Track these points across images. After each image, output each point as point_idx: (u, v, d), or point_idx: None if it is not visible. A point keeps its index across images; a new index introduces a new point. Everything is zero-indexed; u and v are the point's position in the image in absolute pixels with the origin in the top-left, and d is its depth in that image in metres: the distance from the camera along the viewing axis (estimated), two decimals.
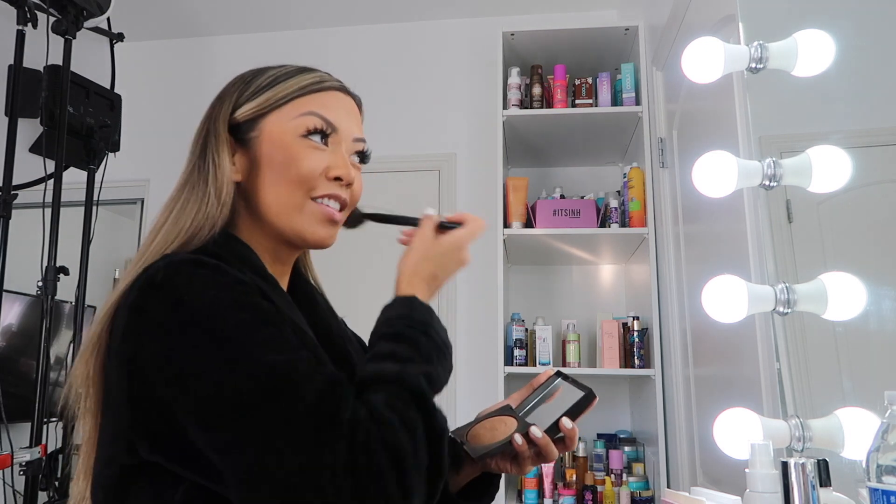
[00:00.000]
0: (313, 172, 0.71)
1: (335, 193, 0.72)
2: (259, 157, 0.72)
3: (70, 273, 1.99)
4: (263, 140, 0.72)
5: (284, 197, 0.71)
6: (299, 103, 0.73)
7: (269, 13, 2.90)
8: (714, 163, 1.03)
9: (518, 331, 2.25)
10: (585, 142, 2.51)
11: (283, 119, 0.72)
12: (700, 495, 0.83)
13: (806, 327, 1.04)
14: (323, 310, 0.80)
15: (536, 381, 0.84)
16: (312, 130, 0.72)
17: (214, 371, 0.56)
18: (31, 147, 2.29)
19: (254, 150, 0.72)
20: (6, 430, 1.74)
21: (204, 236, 0.68)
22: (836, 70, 1.01)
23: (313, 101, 0.73)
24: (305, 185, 0.71)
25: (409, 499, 0.54)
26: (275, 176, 0.71)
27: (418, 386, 0.60)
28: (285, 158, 0.71)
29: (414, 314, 0.66)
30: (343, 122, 0.75)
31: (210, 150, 0.72)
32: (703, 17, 1.61)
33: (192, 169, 0.73)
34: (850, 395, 1.03)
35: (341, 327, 0.82)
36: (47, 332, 1.87)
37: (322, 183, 0.72)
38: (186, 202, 0.70)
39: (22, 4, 1.96)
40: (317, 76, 0.76)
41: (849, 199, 1.04)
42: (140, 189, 2.97)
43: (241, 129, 0.73)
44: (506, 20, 2.79)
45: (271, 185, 0.71)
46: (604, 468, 2.23)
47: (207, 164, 0.71)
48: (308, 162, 0.71)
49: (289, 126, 0.72)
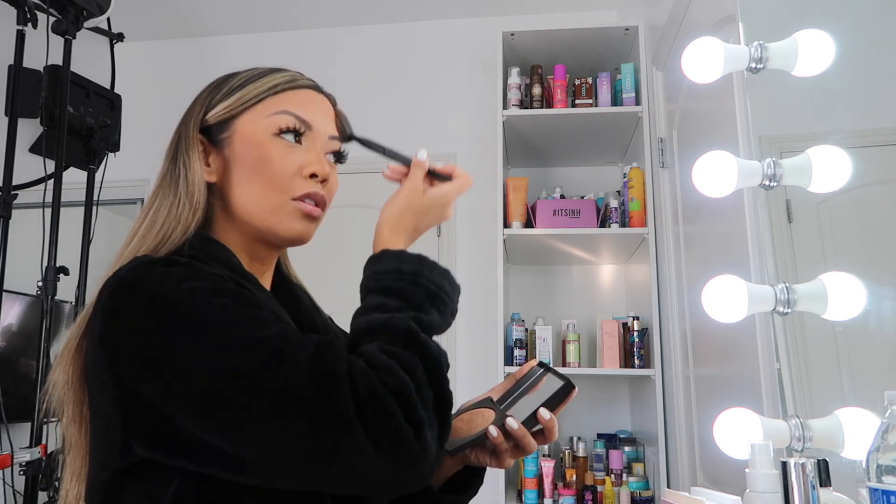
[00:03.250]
0: (287, 171, 0.70)
1: (313, 192, 0.72)
2: (232, 156, 0.72)
3: (70, 273, 1.99)
4: (236, 140, 0.72)
5: (259, 196, 0.71)
6: (271, 102, 0.72)
7: (269, 13, 2.90)
8: (714, 163, 1.03)
9: (518, 331, 2.25)
10: (585, 142, 2.51)
11: (255, 118, 0.72)
12: (700, 495, 0.83)
13: (806, 327, 1.04)
14: (307, 307, 0.79)
15: (519, 372, 0.83)
16: (285, 129, 0.71)
17: (203, 356, 0.56)
18: (31, 147, 2.29)
19: (227, 150, 0.72)
20: (6, 430, 1.74)
21: (177, 239, 0.68)
22: (836, 70, 1.01)
23: (286, 99, 0.73)
24: (280, 184, 0.70)
25: (420, 434, 0.56)
26: (248, 175, 0.71)
27: (407, 327, 0.61)
28: (258, 157, 0.70)
29: (403, 266, 0.66)
30: (317, 120, 0.74)
31: (181, 153, 0.72)
32: (703, 17, 1.61)
33: (164, 174, 0.73)
34: (850, 395, 1.03)
35: (327, 324, 0.81)
36: (47, 332, 1.87)
37: (298, 182, 0.71)
38: (159, 207, 0.70)
39: (22, 4, 1.96)
40: (288, 75, 0.76)
41: (849, 199, 1.04)
42: (140, 189, 2.97)
43: (213, 130, 0.73)
44: (506, 20, 2.80)
45: (245, 185, 0.71)
46: (604, 468, 2.23)
47: (178, 168, 0.71)
48: (281, 161, 0.70)
49: (261, 125, 0.71)
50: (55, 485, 1.96)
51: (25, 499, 1.83)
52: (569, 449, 2.27)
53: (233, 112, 0.73)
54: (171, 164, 0.72)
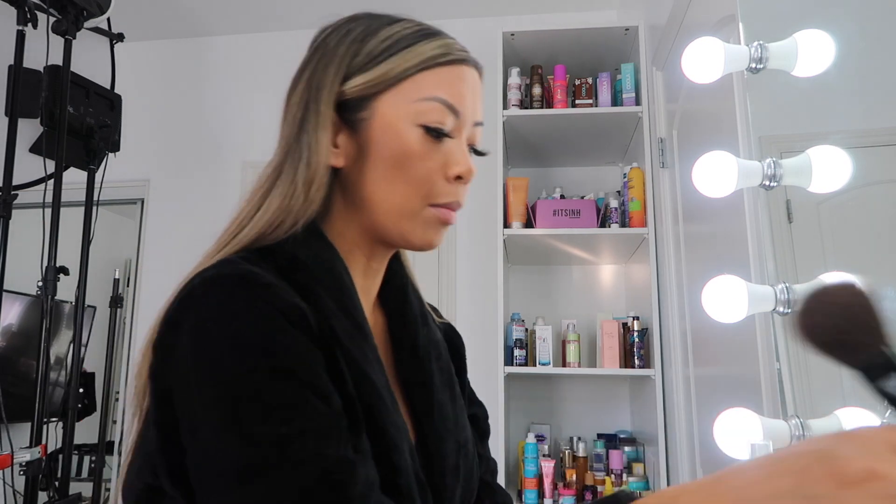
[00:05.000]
0: (430, 171, 0.60)
1: (456, 200, 0.62)
2: (369, 143, 0.60)
3: (70, 273, 1.99)
4: (375, 124, 0.60)
5: (396, 197, 0.60)
6: (420, 81, 0.60)
7: (269, 13, 2.90)
8: (714, 163, 1.03)
9: (518, 331, 2.25)
10: (585, 142, 2.51)
11: (400, 100, 0.60)
12: None
13: None
14: (412, 318, 0.68)
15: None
16: (434, 122, 0.60)
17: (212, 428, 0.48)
18: (31, 147, 2.30)
19: (363, 134, 0.61)
20: (6, 430, 1.74)
21: (282, 233, 0.58)
22: (836, 70, 1.01)
23: (437, 78, 0.60)
24: (422, 187, 0.60)
25: None
26: (386, 170, 0.60)
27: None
28: (400, 151, 0.59)
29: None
30: (467, 107, 0.62)
31: (307, 129, 0.60)
32: (703, 17, 1.61)
33: (285, 151, 0.61)
34: (850, 395, 1.03)
35: (430, 337, 0.69)
36: (47, 332, 1.87)
37: (441, 186, 0.61)
38: (272, 192, 0.59)
39: (22, 4, 1.96)
40: (442, 44, 0.62)
41: (849, 199, 1.04)
42: (140, 189, 2.97)
43: (348, 106, 0.61)
44: (506, 20, 2.80)
45: (381, 181, 0.60)
46: (604, 468, 2.23)
47: (301, 148, 0.60)
48: (426, 159, 0.60)
49: (406, 110, 0.60)
50: (55, 485, 1.96)
51: (25, 499, 1.83)
52: (569, 449, 2.27)
53: (376, 88, 0.60)
54: (295, 140, 0.60)
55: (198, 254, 0.62)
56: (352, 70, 0.61)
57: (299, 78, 0.63)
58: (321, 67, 0.62)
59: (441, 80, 0.61)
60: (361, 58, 0.61)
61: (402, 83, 0.60)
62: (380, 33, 0.62)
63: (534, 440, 2.19)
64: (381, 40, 0.61)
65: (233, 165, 2.91)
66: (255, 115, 2.90)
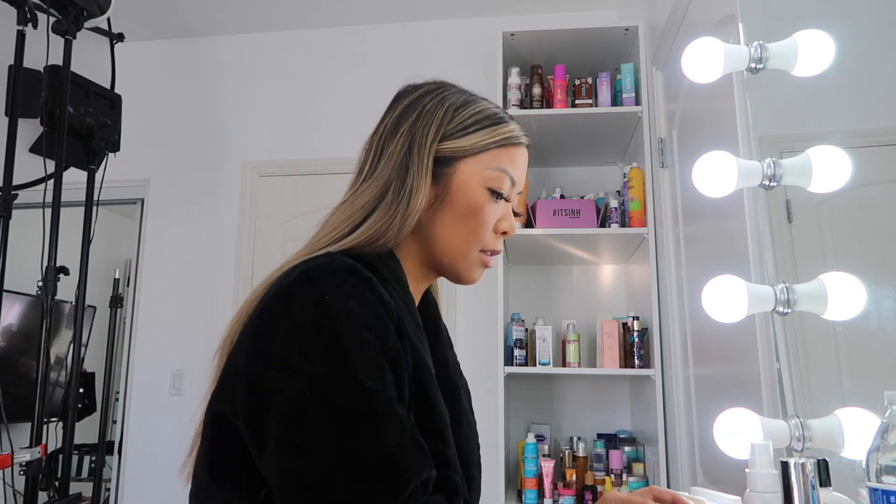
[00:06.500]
0: (488, 225, 0.76)
1: (498, 249, 0.78)
2: (446, 194, 0.75)
3: (70, 273, 1.99)
4: (455, 181, 0.75)
5: (458, 239, 0.75)
6: (495, 155, 0.76)
7: (269, 13, 2.90)
8: (714, 163, 1.03)
9: (518, 331, 2.25)
10: (585, 142, 2.51)
11: (478, 167, 0.75)
12: (700, 495, 0.83)
13: (806, 327, 1.04)
14: (444, 340, 0.82)
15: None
16: (499, 187, 0.76)
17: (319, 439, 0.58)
18: (31, 147, 2.30)
19: (444, 186, 0.75)
20: (6, 430, 1.74)
21: (372, 249, 0.71)
22: (835, 70, 1.01)
23: (506, 155, 0.77)
24: (480, 237, 0.75)
25: None
26: (456, 217, 0.75)
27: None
28: (471, 206, 0.75)
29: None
30: (521, 180, 0.79)
31: (413, 174, 0.73)
32: (703, 17, 1.61)
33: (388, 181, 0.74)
34: (850, 395, 1.03)
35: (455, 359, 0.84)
36: (47, 332, 1.87)
37: (491, 237, 0.77)
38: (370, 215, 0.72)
39: (22, 4, 1.96)
40: (514, 129, 0.79)
41: (849, 199, 1.04)
42: (140, 189, 2.97)
43: (439, 161, 0.75)
44: (506, 20, 2.80)
45: (449, 223, 0.75)
46: (604, 468, 2.23)
47: (406, 188, 0.73)
48: (488, 216, 0.75)
49: (481, 175, 0.75)
50: (55, 485, 1.96)
51: (25, 499, 1.83)
52: (569, 449, 2.27)
53: (463, 154, 0.75)
54: (398, 177, 0.73)
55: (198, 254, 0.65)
56: (448, 131, 0.76)
57: (397, 126, 0.76)
58: (422, 125, 0.76)
59: (510, 156, 0.77)
60: (456, 125, 0.76)
61: (482, 153, 0.76)
62: (469, 107, 0.78)
63: (534, 440, 2.19)
64: (471, 114, 0.77)
65: (233, 165, 2.91)
66: (255, 115, 2.90)
